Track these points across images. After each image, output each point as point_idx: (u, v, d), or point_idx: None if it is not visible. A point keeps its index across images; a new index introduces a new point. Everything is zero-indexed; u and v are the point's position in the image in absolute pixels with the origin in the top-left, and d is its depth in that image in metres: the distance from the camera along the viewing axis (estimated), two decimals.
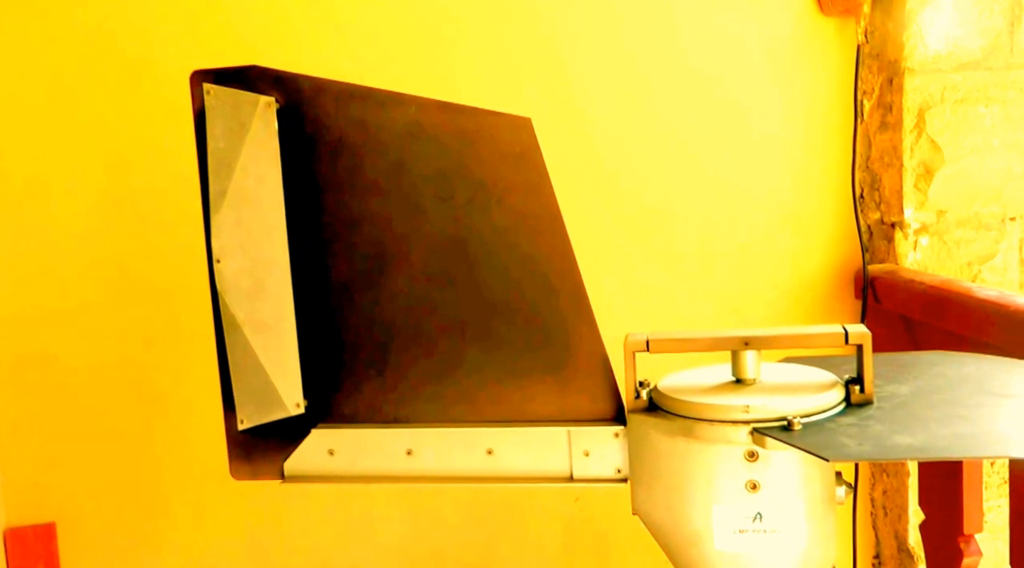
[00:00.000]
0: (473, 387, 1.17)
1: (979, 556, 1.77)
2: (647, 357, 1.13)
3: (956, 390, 1.11)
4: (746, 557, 1.07)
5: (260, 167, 1.13)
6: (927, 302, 1.85)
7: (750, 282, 2.08)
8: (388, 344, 1.18)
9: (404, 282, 1.16)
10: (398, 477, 1.20)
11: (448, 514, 2.05)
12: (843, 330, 1.08)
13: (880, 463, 2.13)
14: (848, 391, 1.08)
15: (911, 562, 2.08)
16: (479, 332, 1.15)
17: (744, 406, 1.03)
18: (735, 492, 1.05)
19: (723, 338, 1.11)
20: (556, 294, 1.11)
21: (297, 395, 1.20)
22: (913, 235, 2.04)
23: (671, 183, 2.03)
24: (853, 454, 0.99)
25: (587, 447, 1.14)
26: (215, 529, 1.97)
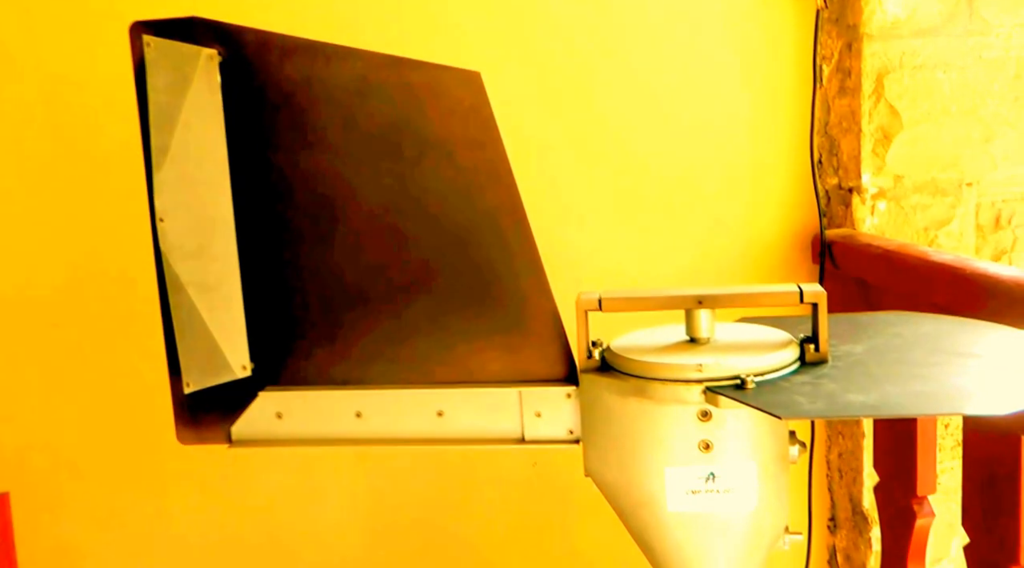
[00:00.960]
0: (423, 348, 1.14)
1: (932, 517, 1.78)
2: (600, 318, 1.11)
3: (912, 349, 1.10)
4: (699, 518, 1.06)
5: (203, 122, 1.10)
6: (884, 266, 1.84)
7: (706, 247, 2.08)
8: (336, 305, 1.16)
9: (352, 241, 1.13)
10: (347, 440, 1.18)
11: (405, 481, 2.05)
12: (798, 289, 1.06)
13: (836, 426, 2.14)
14: (803, 350, 1.07)
15: (865, 524, 2.09)
16: (429, 291, 1.13)
17: (697, 365, 1.01)
18: (688, 452, 1.04)
19: (676, 297, 1.09)
20: (507, 252, 1.09)
21: (243, 357, 1.17)
22: (870, 200, 2.03)
23: (627, 145, 2.01)
24: (806, 412, 0.98)
25: (539, 408, 1.13)
26: (170, 497, 1.96)
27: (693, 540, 1.07)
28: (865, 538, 2.09)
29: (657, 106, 2.02)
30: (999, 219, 2.11)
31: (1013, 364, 1.02)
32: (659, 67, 2.01)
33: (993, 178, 2.08)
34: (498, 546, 2.11)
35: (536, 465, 2.08)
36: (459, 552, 2.10)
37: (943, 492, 1.94)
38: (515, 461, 2.07)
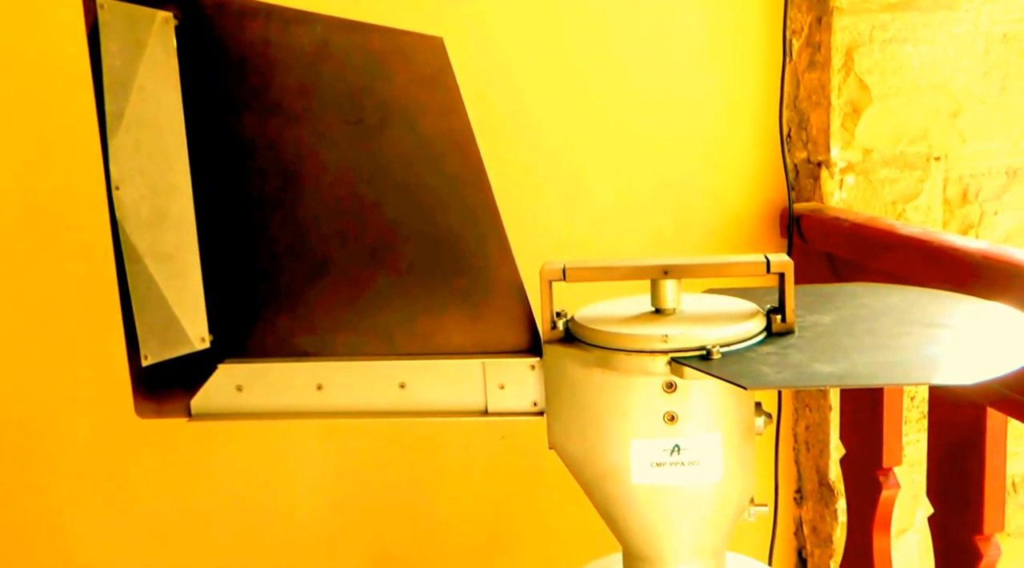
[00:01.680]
0: (385, 319, 1.12)
1: (897, 488, 1.79)
2: (565, 289, 1.10)
3: (879, 320, 1.09)
4: (663, 490, 1.04)
5: (158, 87, 1.07)
6: (851, 239, 1.84)
7: (674, 221, 2.07)
8: (296, 275, 1.13)
9: (312, 210, 1.11)
10: (308, 413, 1.16)
11: (372, 455, 2.04)
12: (765, 259, 1.05)
13: (803, 399, 2.14)
14: (769, 321, 1.06)
15: (832, 496, 2.09)
16: (391, 261, 1.11)
17: (662, 335, 1.00)
18: (653, 424, 1.02)
19: (642, 267, 1.07)
20: (470, 221, 1.07)
21: (202, 329, 1.15)
22: (839, 174, 2.03)
23: (593, 116, 2.00)
24: (772, 382, 0.97)
25: (502, 380, 1.11)
26: (135, 474, 1.94)
27: (658, 512, 1.06)
28: (831, 510, 2.10)
29: (625, 79, 2.01)
30: (966, 193, 2.11)
31: (980, 335, 1.02)
32: (628, 39, 2.00)
33: (961, 153, 2.08)
34: (467, 519, 2.10)
35: (504, 439, 2.07)
36: (427, 525, 2.09)
37: (908, 464, 1.95)
38: (483, 435, 2.06)
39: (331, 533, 2.06)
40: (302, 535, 2.06)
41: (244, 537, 2.03)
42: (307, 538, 2.06)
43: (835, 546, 2.10)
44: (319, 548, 2.06)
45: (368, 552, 2.08)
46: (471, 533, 2.11)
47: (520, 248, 1.08)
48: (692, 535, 1.09)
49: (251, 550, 2.04)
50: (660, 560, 1.11)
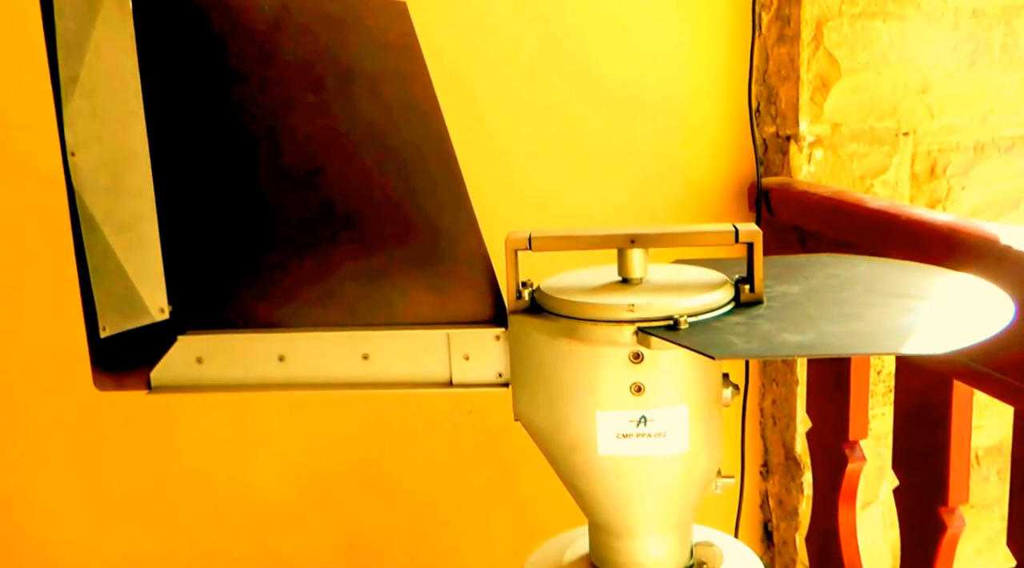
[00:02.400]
0: (348, 289, 1.11)
1: (863, 461, 1.79)
2: (531, 260, 1.08)
3: (848, 290, 1.08)
4: (630, 462, 1.03)
5: (114, 51, 1.05)
6: (820, 212, 1.84)
7: (642, 194, 2.06)
8: (258, 245, 1.11)
9: (273, 178, 1.09)
10: (270, 385, 1.14)
11: (339, 429, 2.02)
12: (733, 228, 1.04)
13: (770, 373, 2.14)
14: (737, 291, 1.05)
15: (798, 469, 2.10)
16: (354, 230, 1.09)
17: (629, 305, 0.99)
18: (619, 396, 1.01)
19: (609, 236, 1.06)
20: (434, 190, 1.05)
21: (161, 300, 1.13)
22: (808, 148, 2.02)
23: (561, 86, 1.98)
24: (740, 352, 0.96)
25: (467, 351, 1.10)
26: (97, 449, 1.92)
27: (624, 484, 1.05)
28: (797, 483, 2.11)
29: (595, 51, 1.99)
30: (934, 168, 2.11)
31: (949, 305, 1.01)
32: (597, 13, 1.98)
33: (929, 128, 2.08)
34: (434, 494, 2.10)
35: (471, 413, 2.06)
36: (395, 499, 2.09)
37: (874, 437, 1.96)
38: (450, 409, 2.05)
39: (298, 508, 2.05)
40: (269, 510, 2.04)
41: (210, 513, 2.02)
42: (274, 513, 2.04)
43: (800, 519, 2.11)
44: (286, 523, 2.05)
45: (336, 527, 2.07)
46: (438, 507, 2.11)
47: (485, 218, 1.07)
48: (659, 507, 1.08)
49: (217, 526, 2.03)
50: (626, 532, 1.10)
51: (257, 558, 2.05)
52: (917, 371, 1.54)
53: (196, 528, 2.02)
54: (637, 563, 1.11)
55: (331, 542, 2.07)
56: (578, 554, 1.18)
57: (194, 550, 2.02)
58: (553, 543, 1.22)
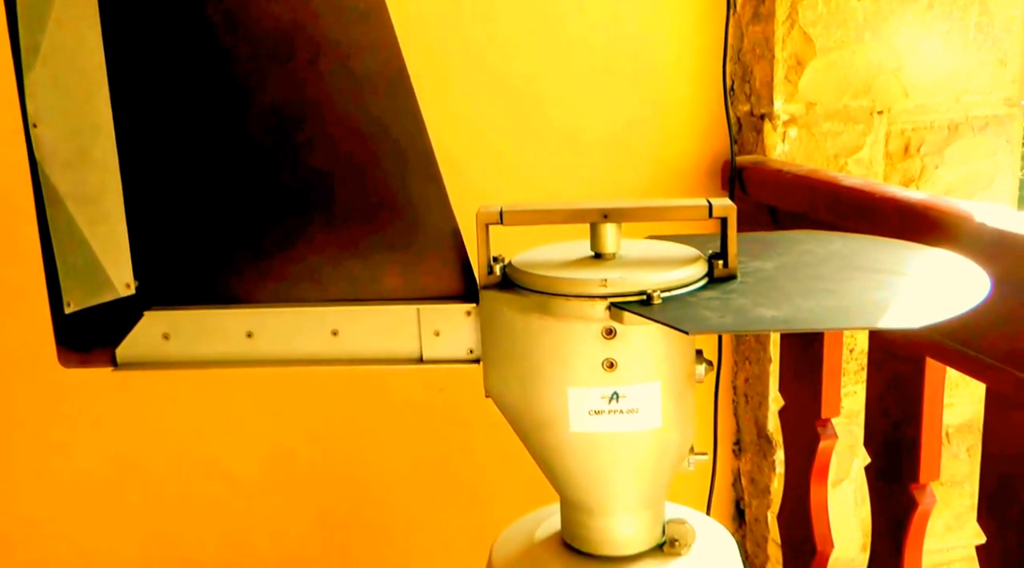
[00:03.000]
0: (316, 264, 1.09)
1: (835, 439, 1.79)
2: (503, 235, 1.07)
3: (822, 266, 1.08)
4: (602, 439, 1.02)
5: (77, 20, 1.02)
6: (793, 191, 1.83)
7: (615, 172, 2.05)
8: (224, 219, 1.09)
9: (240, 151, 1.07)
10: (238, 361, 1.13)
11: (308, 409, 2.01)
12: (707, 203, 1.03)
13: (743, 352, 2.13)
14: (711, 266, 1.04)
15: (770, 447, 2.10)
16: (323, 204, 1.07)
17: (601, 280, 0.98)
18: (591, 372, 1.00)
19: (581, 210, 1.05)
20: (404, 163, 1.04)
21: (127, 275, 1.11)
22: (782, 127, 2.02)
23: (534, 63, 1.97)
24: (714, 326, 0.95)
25: (438, 326, 1.08)
26: (59, 427, 1.90)
27: (596, 461, 1.05)
28: (769, 461, 2.11)
29: (569, 29, 1.98)
30: (908, 147, 2.10)
31: (925, 280, 1.00)
32: None
33: (904, 107, 2.08)
34: (405, 472, 2.09)
35: (443, 391, 2.05)
36: (366, 478, 2.08)
37: (846, 415, 1.96)
38: (421, 387, 2.04)
39: (268, 487, 2.04)
40: (238, 489, 2.03)
41: (179, 492, 2.00)
42: (243, 492, 2.03)
43: (772, 497, 2.11)
44: (256, 501, 2.04)
45: (306, 505, 2.06)
46: (409, 486, 2.10)
47: (457, 193, 1.05)
48: (631, 484, 1.07)
49: (186, 505, 2.01)
50: (599, 509, 1.09)
51: (227, 535, 2.04)
52: (890, 349, 1.54)
53: (164, 507, 2.01)
54: (609, 540, 1.10)
55: (301, 519, 2.06)
56: (549, 532, 1.17)
57: (163, 528, 2.01)
58: (524, 521, 1.21)
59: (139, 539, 2.01)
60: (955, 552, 2.22)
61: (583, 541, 1.12)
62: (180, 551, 2.03)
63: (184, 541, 2.03)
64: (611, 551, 1.11)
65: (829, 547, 1.86)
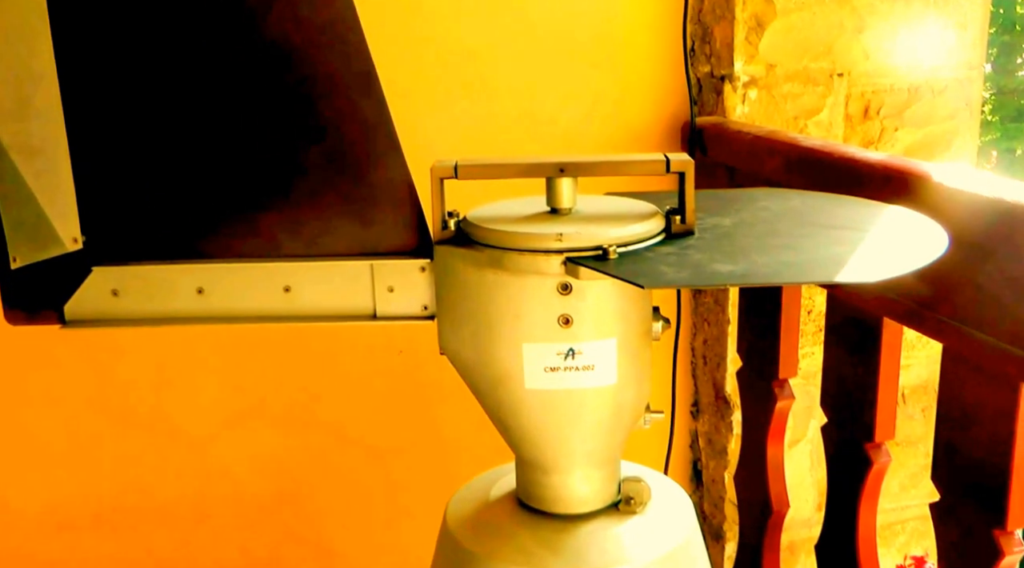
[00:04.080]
0: (268, 219, 1.07)
1: (792, 399, 1.80)
2: (458, 191, 1.06)
3: (780, 222, 1.07)
4: (557, 395, 1.02)
5: None
6: (753, 152, 1.82)
7: (574, 133, 2.04)
8: (174, 173, 1.07)
9: (188, 103, 1.04)
10: (189, 318, 1.11)
11: (267, 372, 1.99)
12: (664, 157, 1.02)
13: (702, 314, 2.13)
14: (669, 222, 1.02)
15: (728, 408, 2.10)
16: (274, 158, 1.05)
17: (557, 234, 0.96)
18: (546, 328, 0.99)
19: (537, 164, 1.03)
20: (357, 116, 1.01)
21: (74, 229, 1.08)
22: (742, 88, 2.01)
23: (494, 22, 1.94)
24: (671, 281, 0.94)
25: (391, 283, 1.07)
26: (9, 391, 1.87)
27: (551, 418, 1.04)
28: (727, 422, 2.11)
29: None
30: (868, 109, 2.10)
31: (882, 236, 1.00)
32: None
33: (864, 69, 2.07)
34: (364, 433, 2.08)
35: (402, 353, 2.03)
36: (325, 440, 2.07)
37: (803, 376, 1.96)
38: (381, 349, 2.03)
39: (226, 449, 2.02)
40: (195, 452, 2.01)
41: (136, 456, 1.98)
42: (201, 455, 2.02)
43: (729, 457, 2.12)
44: (214, 464, 2.02)
45: (264, 467, 2.05)
46: (369, 447, 2.09)
47: (412, 154, 1.03)
48: (586, 442, 1.06)
49: (143, 470, 2.00)
50: (553, 467, 1.08)
51: (182, 496, 2.02)
52: (847, 308, 1.54)
53: (120, 472, 1.99)
54: (564, 498, 1.10)
55: (257, 480, 2.05)
56: (504, 491, 1.17)
57: (117, 489, 1.99)
58: (480, 480, 1.21)
59: (91, 499, 1.99)
60: (910, 511, 2.24)
61: (538, 499, 1.11)
62: (139, 506, 2.01)
63: (138, 502, 2.01)
64: (566, 509, 1.10)
65: (785, 506, 1.87)
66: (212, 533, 2.06)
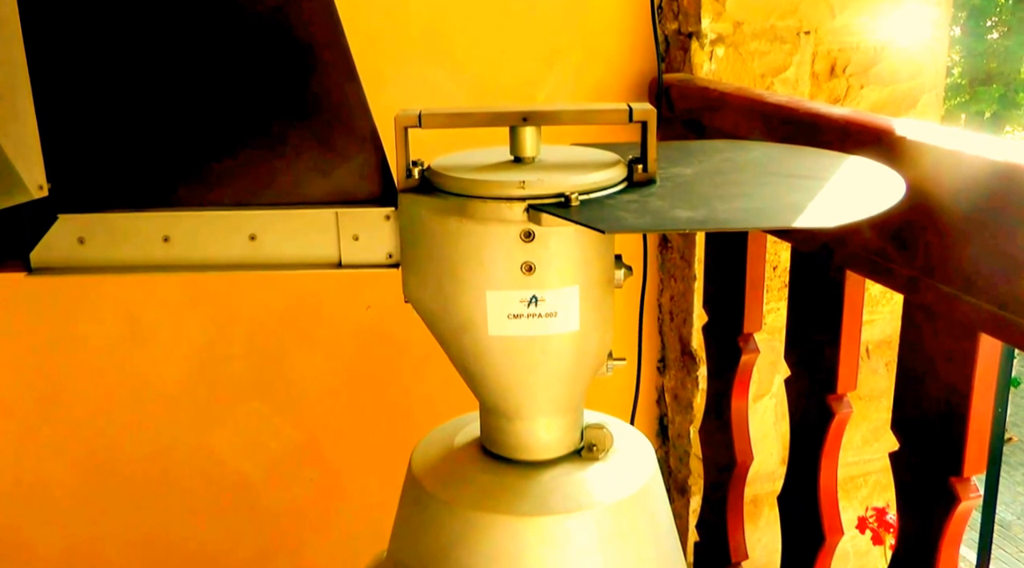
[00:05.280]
0: (233, 167, 1.07)
1: (756, 353, 1.82)
2: (425, 145, 1.06)
3: (741, 172, 1.08)
4: (520, 342, 1.03)
5: None
6: (719, 108, 1.83)
7: (541, 89, 2.04)
8: (139, 120, 1.07)
9: (153, 49, 1.04)
10: (155, 266, 1.11)
11: (235, 326, 1.99)
12: (627, 106, 1.02)
13: (669, 270, 2.15)
14: (631, 170, 1.03)
15: (694, 363, 2.12)
16: (238, 105, 1.05)
17: (520, 182, 0.97)
18: (510, 275, 1.00)
19: (501, 113, 1.04)
20: (322, 64, 1.02)
21: (39, 176, 1.08)
22: (709, 46, 2.01)
23: None
24: (631, 226, 0.95)
25: (356, 231, 1.07)
26: None
27: (514, 365, 1.05)
28: (692, 377, 2.13)
29: None
30: (834, 67, 2.11)
31: (840, 184, 1.01)
32: None
33: (830, 27, 2.08)
34: (332, 387, 2.09)
35: (370, 308, 2.04)
36: (294, 394, 2.07)
37: (769, 331, 1.98)
38: (349, 303, 2.03)
39: (197, 405, 2.03)
40: (167, 407, 2.01)
41: (105, 411, 1.98)
42: (172, 410, 2.02)
43: (695, 412, 2.14)
44: (185, 420, 2.03)
45: (234, 422, 2.05)
46: (336, 400, 2.10)
47: (377, 107, 1.04)
48: (549, 388, 1.08)
49: (113, 425, 1.99)
50: (517, 414, 1.10)
51: (150, 453, 2.03)
52: (811, 261, 1.56)
53: (89, 427, 1.99)
54: (527, 445, 1.11)
55: (226, 433, 2.05)
56: (469, 438, 1.18)
57: (84, 444, 1.99)
58: (444, 428, 1.22)
59: (59, 455, 1.99)
60: (873, 464, 2.28)
61: (501, 446, 1.13)
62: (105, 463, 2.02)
63: (107, 456, 2.01)
64: (529, 456, 1.12)
65: (749, 459, 1.90)
66: (180, 490, 2.07)
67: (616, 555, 1.07)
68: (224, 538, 2.12)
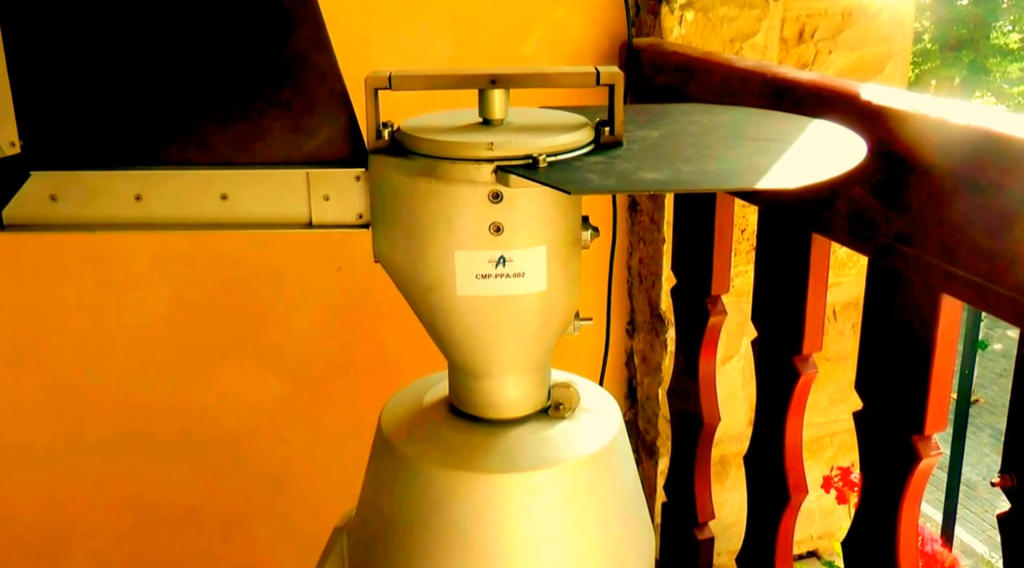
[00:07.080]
0: (206, 126, 1.07)
1: (724, 315, 1.84)
2: (396, 107, 1.07)
3: (707, 135, 1.10)
4: (488, 302, 1.04)
5: None
6: (688, 73, 1.84)
7: (511, 53, 2.04)
8: (112, 79, 1.07)
9: (129, 9, 1.04)
10: (127, 224, 1.11)
11: (207, 287, 2.00)
12: (595, 70, 1.04)
13: (638, 233, 2.17)
14: (598, 133, 1.05)
15: (662, 326, 2.15)
16: (211, 66, 1.05)
17: (488, 143, 0.98)
18: (478, 235, 1.01)
19: (470, 75, 1.05)
20: (291, 24, 1.02)
21: (11, 133, 1.08)
22: (679, 10, 2.02)
23: None
24: (597, 187, 0.97)
25: (327, 191, 1.08)
26: None
27: (482, 324, 1.07)
28: (661, 339, 2.16)
29: None
30: (803, 33, 2.13)
31: (804, 147, 1.03)
32: None
33: None
34: (304, 348, 2.10)
35: (340, 270, 2.05)
36: (266, 355, 2.08)
37: (736, 294, 2.00)
38: (320, 266, 2.04)
39: (170, 365, 2.03)
40: (139, 370, 2.02)
41: (80, 368, 1.98)
42: (144, 372, 2.02)
43: (664, 374, 2.16)
44: (158, 381, 2.03)
45: (208, 382, 2.06)
46: (309, 361, 2.11)
47: (348, 68, 1.04)
48: (517, 348, 1.10)
49: (88, 382, 2.00)
50: (484, 373, 1.12)
51: (123, 410, 2.03)
52: (778, 224, 1.58)
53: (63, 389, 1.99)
54: (495, 403, 1.13)
55: (197, 392, 2.06)
56: (437, 397, 1.20)
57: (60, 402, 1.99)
58: (413, 387, 1.24)
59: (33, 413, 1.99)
60: (839, 425, 2.31)
61: (469, 404, 1.15)
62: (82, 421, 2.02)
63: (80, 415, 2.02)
64: (496, 414, 1.14)
65: (716, 419, 1.92)
66: (157, 445, 2.08)
67: (582, 510, 1.09)
68: (201, 494, 2.14)
